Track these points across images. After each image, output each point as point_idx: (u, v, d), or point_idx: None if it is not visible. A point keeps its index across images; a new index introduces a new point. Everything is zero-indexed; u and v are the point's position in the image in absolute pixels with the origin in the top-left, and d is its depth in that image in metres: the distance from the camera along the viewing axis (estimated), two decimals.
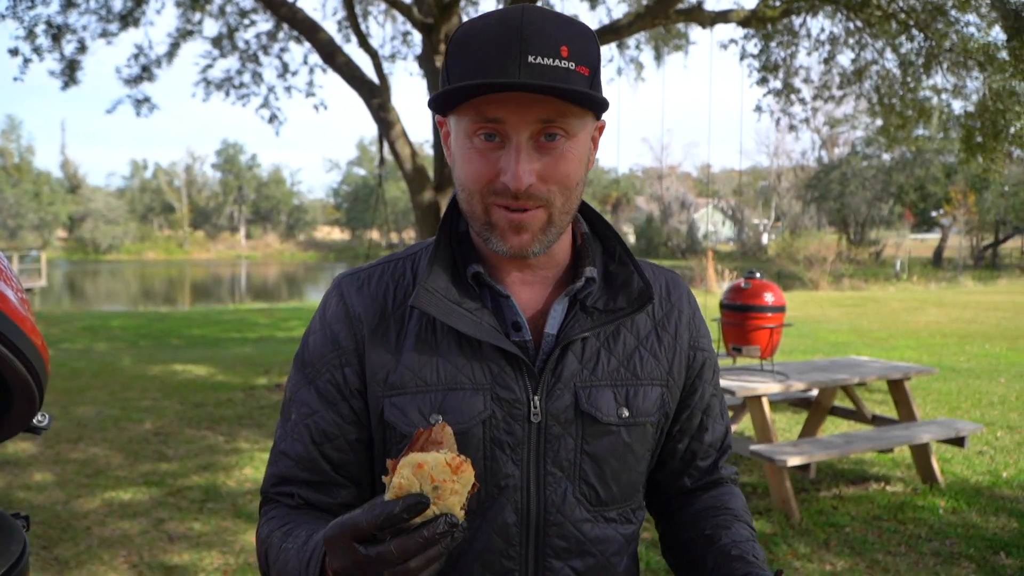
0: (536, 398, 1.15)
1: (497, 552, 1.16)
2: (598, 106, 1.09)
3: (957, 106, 10.74)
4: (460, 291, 1.16)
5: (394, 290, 1.21)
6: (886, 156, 42.79)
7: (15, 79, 10.01)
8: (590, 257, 1.23)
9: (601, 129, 1.20)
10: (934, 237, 51.32)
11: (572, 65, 1.04)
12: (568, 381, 1.17)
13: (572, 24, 1.08)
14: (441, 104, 1.10)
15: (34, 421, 1.01)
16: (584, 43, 1.07)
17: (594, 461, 1.18)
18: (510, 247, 1.11)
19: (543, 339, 1.19)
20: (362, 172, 75.71)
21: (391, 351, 1.17)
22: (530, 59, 1.02)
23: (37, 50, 9.91)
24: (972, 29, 8.94)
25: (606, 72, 19.44)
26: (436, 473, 0.89)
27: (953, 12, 8.76)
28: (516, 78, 1.01)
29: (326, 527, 0.93)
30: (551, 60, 1.03)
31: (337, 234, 78.14)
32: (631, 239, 60.29)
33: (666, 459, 1.34)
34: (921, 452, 5.60)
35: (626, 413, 1.20)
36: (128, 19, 10.51)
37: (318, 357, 1.20)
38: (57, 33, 10.07)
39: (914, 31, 9.20)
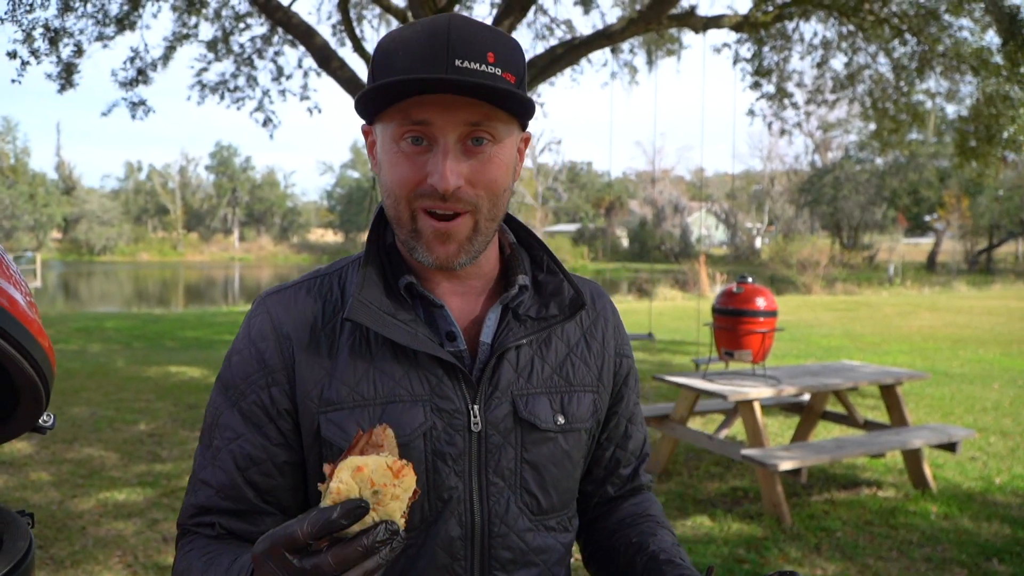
0: (475, 407, 1.15)
1: (442, 568, 1.14)
2: (524, 108, 1.08)
3: (951, 110, 10.82)
4: (393, 303, 1.15)
5: (322, 305, 1.19)
6: (879, 160, 42.98)
7: (13, 81, 10.02)
8: (520, 266, 1.24)
9: (527, 141, 1.21)
10: (928, 242, 51.52)
11: (498, 71, 1.04)
12: (505, 390, 1.17)
13: (498, 33, 1.08)
14: (368, 107, 1.10)
15: (40, 421, 1.03)
16: (510, 52, 1.07)
17: (534, 469, 1.18)
18: (436, 258, 1.11)
19: (479, 348, 1.18)
20: (356, 175, 75.82)
21: (324, 366, 1.14)
22: (457, 63, 1.02)
23: (35, 53, 9.92)
24: (966, 33, 9.02)
25: (599, 76, 19.42)
26: (376, 477, 0.85)
27: (946, 16, 8.83)
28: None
29: (255, 544, 0.89)
30: (477, 64, 1.03)
31: (331, 236, 78.12)
32: (624, 243, 60.36)
33: (592, 467, 1.35)
34: (913, 457, 5.63)
35: (562, 420, 1.21)
36: (124, 23, 10.52)
37: (242, 378, 1.16)
38: (54, 36, 10.08)
39: (907, 35, 9.26)
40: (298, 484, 1.18)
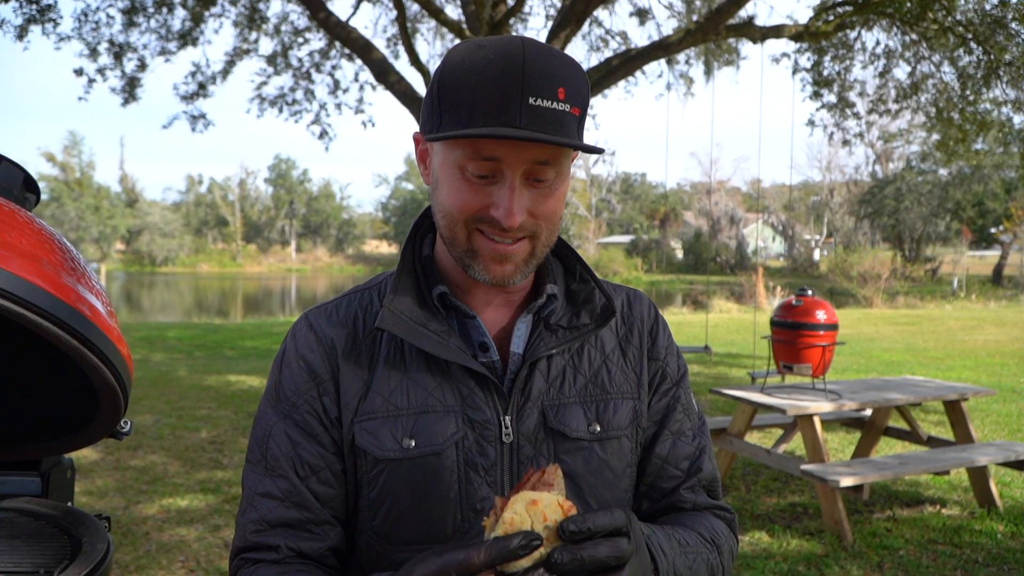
0: (507, 418, 1.15)
1: None
2: (592, 151, 1.08)
3: (1017, 120, 10.56)
4: (426, 313, 1.16)
5: (363, 317, 1.21)
6: (943, 171, 42.00)
7: (80, 98, 10.34)
8: (551, 276, 1.24)
9: (574, 157, 1.20)
10: (993, 254, 50.08)
11: (567, 107, 1.05)
12: (536, 400, 1.17)
13: (568, 63, 1.08)
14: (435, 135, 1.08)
15: (117, 426, 1.06)
16: (578, 83, 1.07)
17: (570, 480, 1.16)
18: (493, 276, 1.12)
19: (510, 358, 1.19)
20: (410, 187, 76.58)
21: (363, 377, 1.17)
22: (531, 101, 1.02)
23: (101, 71, 10.24)
24: None
25: (655, 88, 19.34)
26: (549, 512, 0.86)
27: (1013, 25, 8.62)
28: (518, 122, 1.02)
29: (411, 563, 0.89)
30: (550, 103, 1.03)
31: (385, 248, 78.86)
32: (679, 254, 59.85)
33: (637, 480, 1.30)
34: (979, 475, 5.48)
35: (598, 428, 1.20)
36: (187, 38, 10.80)
37: (293, 391, 1.18)
38: (119, 51, 10.38)
39: (972, 44, 9.06)
40: (346, 495, 1.19)
